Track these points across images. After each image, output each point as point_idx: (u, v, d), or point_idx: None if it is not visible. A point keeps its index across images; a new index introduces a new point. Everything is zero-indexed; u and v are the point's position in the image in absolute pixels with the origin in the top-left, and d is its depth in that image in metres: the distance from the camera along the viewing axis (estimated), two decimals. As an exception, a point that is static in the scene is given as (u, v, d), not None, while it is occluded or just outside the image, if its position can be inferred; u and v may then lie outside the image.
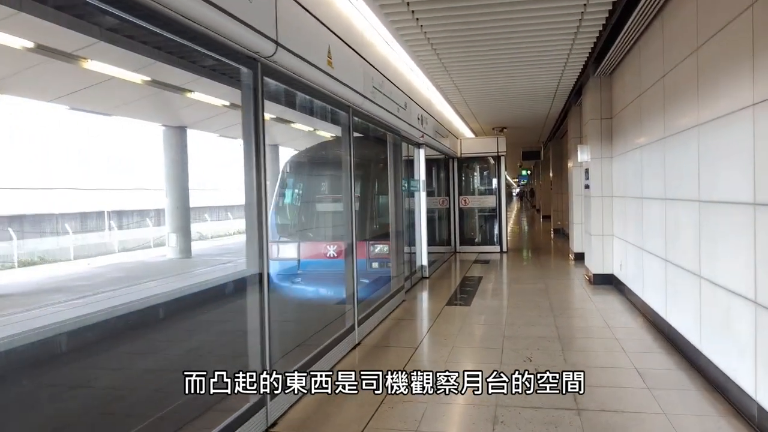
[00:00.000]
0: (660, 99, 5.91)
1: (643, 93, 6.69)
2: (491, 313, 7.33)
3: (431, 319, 7.19)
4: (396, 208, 8.50)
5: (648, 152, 6.51)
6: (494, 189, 14.37)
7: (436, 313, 7.44)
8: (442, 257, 12.83)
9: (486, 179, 14.98)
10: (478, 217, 14.70)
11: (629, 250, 7.79)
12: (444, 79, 9.13)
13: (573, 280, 9.73)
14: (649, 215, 6.57)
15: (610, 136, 8.98)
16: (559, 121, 14.40)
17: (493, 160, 14.30)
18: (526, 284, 9.48)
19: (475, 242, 14.67)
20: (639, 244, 7.21)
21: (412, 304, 8.20)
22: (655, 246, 6.26)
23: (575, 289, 8.91)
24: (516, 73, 8.77)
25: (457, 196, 14.43)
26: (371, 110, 6.48)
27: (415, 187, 9.79)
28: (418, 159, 10.06)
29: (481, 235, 14.76)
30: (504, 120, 14.33)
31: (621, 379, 4.68)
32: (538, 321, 6.70)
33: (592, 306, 7.60)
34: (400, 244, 8.69)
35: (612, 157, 8.95)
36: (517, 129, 16.05)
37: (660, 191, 5.98)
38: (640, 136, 6.99)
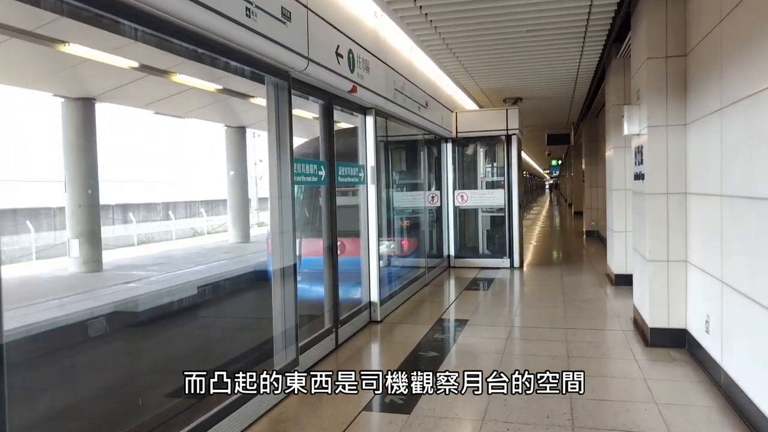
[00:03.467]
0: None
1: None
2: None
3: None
4: (328, 207, 5.08)
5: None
6: (502, 181, 10.53)
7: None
8: (428, 275, 9.09)
9: (495, 168, 11.16)
10: (481, 219, 10.89)
11: (727, 295, 3.99)
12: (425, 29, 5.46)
13: (614, 332, 5.92)
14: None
15: (683, 88, 5.14)
16: (594, 86, 10.47)
17: (503, 140, 10.45)
18: (532, 340, 5.69)
19: (478, 253, 10.87)
20: (747, 289, 3.45)
21: (299, 406, 4.50)
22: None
23: (617, 357, 5.10)
24: None
25: (452, 191, 10.64)
26: None
27: (354, 177, 6.07)
28: (364, 132, 6.35)
29: (485, 243, 10.95)
30: (518, 87, 10.49)
31: None
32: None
33: (649, 406, 3.83)
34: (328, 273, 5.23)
35: (687, 125, 5.11)
36: (538, 102, 12.14)
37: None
38: (749, 81, 3.23)
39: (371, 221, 6.37)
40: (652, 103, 5.25)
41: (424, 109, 8.15)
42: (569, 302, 7.27)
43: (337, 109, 5.59)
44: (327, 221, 5.36)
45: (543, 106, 13.06)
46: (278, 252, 4.30)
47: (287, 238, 4.31)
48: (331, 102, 5.33)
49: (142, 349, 6.14)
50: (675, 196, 5.17)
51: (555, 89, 10.79)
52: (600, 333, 5.88)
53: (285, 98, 4.28)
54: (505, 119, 10.26)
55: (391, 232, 9.29)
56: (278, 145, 4.27)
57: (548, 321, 6.32)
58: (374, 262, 6.37)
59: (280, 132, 4.28)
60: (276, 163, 4.27)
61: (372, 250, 6.37)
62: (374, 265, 6.37)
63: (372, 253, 6.38)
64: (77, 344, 6.53)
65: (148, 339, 6.49)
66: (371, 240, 6.37)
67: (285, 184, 4.29)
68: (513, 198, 10.35)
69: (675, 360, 4.89)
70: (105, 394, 4.81)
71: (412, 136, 9.17)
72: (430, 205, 10.40)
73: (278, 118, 4.27)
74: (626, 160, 8.25)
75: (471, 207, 10.74)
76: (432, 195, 10.42)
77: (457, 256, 10.63)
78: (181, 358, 5.62)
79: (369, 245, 6.38)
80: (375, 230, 6.35)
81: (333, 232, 5.39)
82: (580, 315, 6.57)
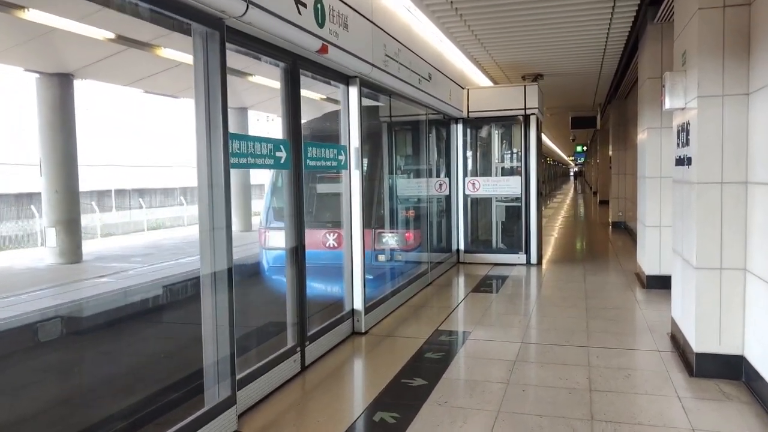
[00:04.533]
0: None
1: None
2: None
3: None
4: (293, 199, 4.08)
5: None
6: (519, 167, 9.38)
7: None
8: (432, 273, 8.04)
9: (511, 152, 10.01)
10: (495, 210, 9.77)
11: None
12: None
13: (648, 354, 4.81)
14: None
15: (746, 47, 3.98)
16: (624, 60, 9.24)
17: (520, 120, 9.29)
18: (546, 364, 4.61)
19: (491, 248, 9.77)
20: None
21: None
22: None
23: (654, 391, 3.99)
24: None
25: (462, 178, 9.53)
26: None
27: (331, 161, 5.01)
28: (346, 105, 5.27)
29: (498, 236, 9.83)
30: (539, 61, 9.30)
31: None
32: None
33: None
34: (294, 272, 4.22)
35: (750, 94, 3.95)
36: (561, 79, 10.92)
37: None
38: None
39: (355, 213, 5.31)
40: (705, 67, 4.09)
41: (427, 82, 7.05)
42: (593, 310, 6.16)
43: (306, 76, 4.53)
44: (291, 215, 4.33)
45: (567, 85, 11.82)
46: (208, 254, 3.28)
47: (219, 236, 3.29)
48: (296, 65, 4.27)
49: (71, 364, 5.20)
50: (732, 187, 4.03)
51: (580, 64, 9.58)
52: (631, 355, 4.77)
53: (216, 53, 3.24)
54: (523, 97, 9.09)
55: (393, 223, 8.27)
56: (208, 116, 3.24)
57: (567, 336, 5.23)
58: (358, 262, 5.33)
59: (210, 98, 3.24)
60: (205, 141, 3.25)
61: (356, 248, 5.33)
62: (358, 265, 5.33)
63: (355, 251, 5.33)
64: (17, 352, 5.64)
65: (88, 349, 5.54)
66: (354, 235, 5.33)
67: (217, 168, 3.27)
68: (531, 186, 9.20)
69: (729, 398, 3.78)
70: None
71: (417, 117, 8.06)
72: (438, 193, 9.31)
73: (207, 79, 3.24)
74: (662, 143, 7.07)
75: (483, 196, 9.62)
76: (440, 182, 9.33)
77: (467, 250, 9.54)
78: (107, 381, 4.64)
79: (352, 242, 5.34)
80: (359, 224, 5.30)
81: (299, 229, 4.35)
82: (606, 328, 5.46)
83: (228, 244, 3.30)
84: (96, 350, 5.69)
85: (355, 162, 5.26)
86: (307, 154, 4.45)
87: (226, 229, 3.28)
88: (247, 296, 7.36)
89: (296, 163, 4.27)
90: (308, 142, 4.47)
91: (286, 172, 4.23)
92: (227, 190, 3.28)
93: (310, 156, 4.50)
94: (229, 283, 3.33)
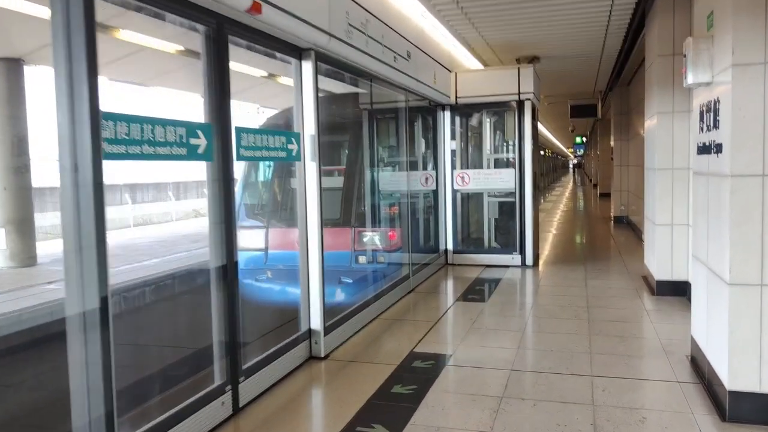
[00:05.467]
0: None
1: None
2: None
3: None
4: (220, 201, 3.20)
5: None
6: (513, 159, 8.47)
7: None
8: (415, 278, 7.17)
9: (504, 142, 9.11)
10: (487, 206, 8.87)
11: None
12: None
13: (666, 386, 3.93)
14: None
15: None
16: (629, 41, 8.33)
17: (513, 107, 8.38)
18: (540, 401, 3.73)
19: (482, 248, 8.89)
20: None
21: None
22: None
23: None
24: None
25: (450, 171, 8.64)
26: None
27: (277, 152, 4.10)
28: (299, 83, 4.37)
29: (491, 235, 8.93)
30: (535, 41, 8.39)
31: None
32: None
33: None
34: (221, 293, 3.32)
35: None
36: (559, 63, 10.01)
37: None
38: None
39: (311, 213, 4.42)
40: (741, 27, 3.20)
41: (405, 62, 6.14)
42: (596, 324, 5.28)
43: (238, 45, 3.63)
44: (215, 223, 3.43)
45: (565, 70, 10.91)
46: (74, 279, 2.40)
47: (89, 255, 2.40)
48: (222, 30, 3.37)
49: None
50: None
51: (580, 44, 8.67)
52: (644, 387, 3.90)
53: (79, 3, 2.34)
54: (516, 81, 8.18)
55: (374, 221, 7.42)
56: (69, 88, 2.35)
57: (566, 360, 4.35)
58: (316, 272, 4.44)
59: (73, 62, 2.35)
60: (67, 121, 2.35)
61: (312, 255, 4.44)
62: (316, 276, 4.44)
63: (312, 259, 4.44)
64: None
65: None
66: (311, 240, 4.44)
67: (82, 156, 2.38)
68: (526, 179, 8.30)
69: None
70: None
71: (399, 103, 7.16)
72: (424, 188, 8.43)
73: (68, 38, 2.34)
74: (675, 130, 6.19)
75: (474, 191, 8.72)
76: (426, 176, 8.44)
77: (456, 250, 8.65)
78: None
79: (308, 247, 4.45)
80: (316, 225, 4.41)
81: (228, 241, 3.45)
82: (612, 348, 4.59)
83: (100, 264, 2.41)
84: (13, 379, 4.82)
85: (310, 152, 4.36)
86: (240, 142, 3.55)
87: (96, 248, 2.39)
88: (194, 310, 6.51)
89: (223, 154, 3.38)
90: (243, 128, 3.58)
91: (210, 164, 3.33)
92: (97, 190, 2.38)
93: (245, 144, 3.60)
94: (103, 321, 2.45)
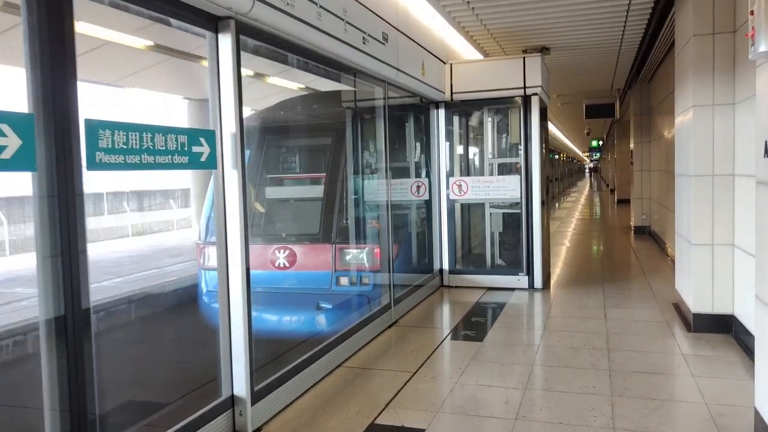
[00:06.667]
0: None
1: None
2: None
3: None
4: (49, 216, 2.04)
5: None
6: (518, 164, 7.28)
7: None
8: (405, 303, 6.02)
9: (507, 145, 7.93)
10: (489, 219, 7.68)
11: None
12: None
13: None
14: None
15: None
16: (653, 26, 7.11)
17: (518, 103, 7.19)
18: None
19: (484, 267, 7.70)
20: None
21: None
22: None
23: None
24: None
25: (445, 179, 7.46)
26: None
27: (169, 156, 2.96)
28: (215, 63, 3.22)
29: (493, 252, 7.73)
30: (544, 29, 7.21)
31: None
32: None
33: None
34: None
35: None
36: (573, 54, 8.80)
37: None
38: None
39: (232, 237, 3.28)
40: None
41: (379, 45, 5.00)
42: (620, 377, 4.08)
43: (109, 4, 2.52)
44: (49, 256, 2.31)
45: (579, 64, 9.69)
46: None
47: None
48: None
49: None
50: None
51: (596, 31, 7.46)
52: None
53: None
54: (521, 73, 7.00)
55: (359, 236, 6.33)
56: None
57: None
58: (239, 314, 3.30)
59: None
60: None
61: (234, 290, 3.30)
62: (239, 321, 3.30)
63: (234, 296, 3.30)
64: None
65: None
66: (232, 269, 3.30)
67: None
68: (533, 187, 7.11)
69: None
70: None
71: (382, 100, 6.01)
72: (415, 197, 7.27)
73: None
74: (716, 126, 4.99)
75: (473, 201, 7.55)
76: (417, 184, 7.28)
77: (453, 271, 7.47)
78: None
79: (228, 278, 3.31)
80: (240, 251, 3.27)
81: (74, 279, 2.33)
82: (643, 421, 3.38)
83: None
84: None
85: (231, 158, 3.22)
86: (96, 143, 2.41)
87: None
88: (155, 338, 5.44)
89: (60, 161, 2.25)
90: (101, 122, 2.45)
91: (34, 175, 2.20)
92: None
93: (106, 147, 2.46)
94: None
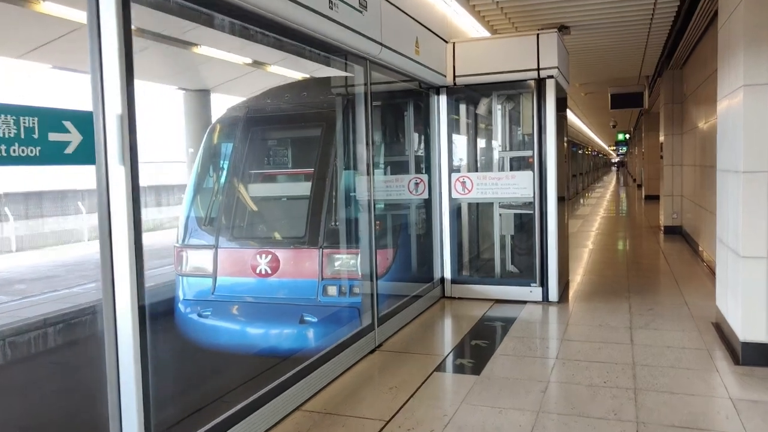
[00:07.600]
0: None
1: None
2: None
3: None
4: None
5: None
6: (531, 158, 6.32)
7: None
8: (393, 321, 5.15)
9: (518, 136, 6.98)
10: (498, 220, 6.74)
11: None
12: None
13: None
14: None
15: None
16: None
17: (531, 87, 6.22)
18: None
19: (492, 276, 6.78)
20: None
21: None
22: None
23: None
24: None
25: (447, 175, 6.53)
26: None
27: (35, 145, 2.11)
28: (95, 19, 2.36)
29: (503, 259, 6.79)
30: (562, 3, 6.24)
31: None
32: None
33: None
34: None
35: None
36: (596, 34, 7.78)
37: None
38: None
39: (120, 261, 2.43)
40: None
41: (354, 12, 4.09)
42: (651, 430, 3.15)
43: None
44: None
45: (603, 46, 8.66)
46: None
47: None
48: None
49: None
50: None
51: (623, 7, 6.46)
52: None
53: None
54: (535, 52, 6.03)
55: (348, 239, 5.55)
56: None
57: None
58: (129, 349, 2.44)
59: None
60: None
61: (124, 337, 2.44)
62: (129, 356, 2.44)
63: (124, 343, 2.44)
64: None
65: None
66: (119, 285, 2.44)
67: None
68: (548, 185, 6.15)
69: None
70: None
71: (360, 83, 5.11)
72: (413, 196, 6.38)
73: None
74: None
75: (479, 200, 6.63)
76: (415, 181, 6.38)
77: (455, 280, 6.55)
78: None
79: (116, 323, 2.45)
80: (130, 284, 2.41)
81: None
82: None
83: None
84: None
85: (118, 149, 2.37)
86: None
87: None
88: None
89: None
90: None
91: None
92: None
93: None
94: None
